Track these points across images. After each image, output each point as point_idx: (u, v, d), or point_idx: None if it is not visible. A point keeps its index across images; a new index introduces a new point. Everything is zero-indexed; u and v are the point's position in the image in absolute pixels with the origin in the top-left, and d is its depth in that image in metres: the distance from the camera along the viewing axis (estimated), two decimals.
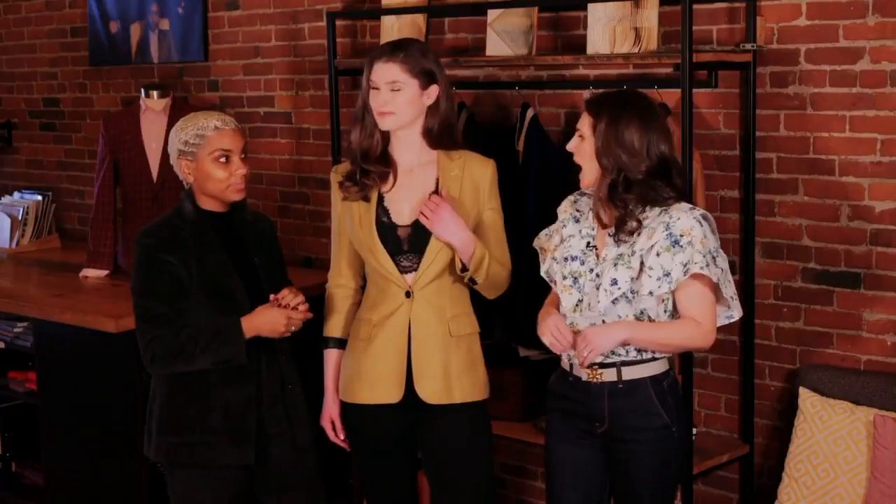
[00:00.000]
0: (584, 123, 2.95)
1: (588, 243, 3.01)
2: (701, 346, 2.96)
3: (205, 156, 3.13)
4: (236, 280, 3.15)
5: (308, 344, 3.34)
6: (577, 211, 3.08)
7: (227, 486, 3.19)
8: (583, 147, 2.95)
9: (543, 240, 3.18)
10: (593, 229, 3.01)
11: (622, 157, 2.88)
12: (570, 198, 3.13)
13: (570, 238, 3.05)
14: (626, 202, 2.89)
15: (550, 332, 2.94)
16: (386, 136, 3.15)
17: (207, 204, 3.20)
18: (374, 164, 3.13)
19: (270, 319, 3.12)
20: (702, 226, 2.88)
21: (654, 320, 2.93)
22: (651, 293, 2.89)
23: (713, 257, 2.89)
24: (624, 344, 2.93)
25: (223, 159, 3.14)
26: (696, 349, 3.03)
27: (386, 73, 3.07)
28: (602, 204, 2.94)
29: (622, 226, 2.91)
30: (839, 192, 3.56)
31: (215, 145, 3.14)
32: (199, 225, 3.16)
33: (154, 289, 3.10)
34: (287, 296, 3.13)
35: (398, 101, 3.07)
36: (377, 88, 3.08)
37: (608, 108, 2.91)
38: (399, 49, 3.09)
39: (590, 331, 2.90)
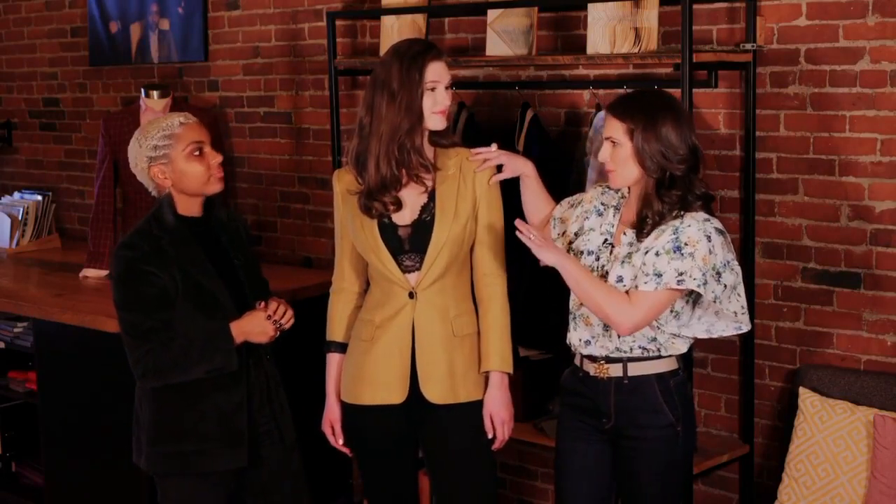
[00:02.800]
0: (617, 130, 2.91)
1: (605, 240, 3.01)
2: (614, 321, 2.86)
3: (179, 154, 3.09)
4: (220, 285, 3.13)
5: (292, 343, 3.35)
6: (603, 205, 3.07)
7: (220, 490, 3.18)
8: (618, 153, 2.92)
9: (564, 207, 3.18)
10: (613, 226, 3.01)
11: (665, 155, 2.86)
12: (598, 188, 3.12)
13: (590, 231, 3.05)
14: (671, 198, 2.88)
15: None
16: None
17: (184, 210, 3.16)
18: (424, 167, 3.10)
19: (261, 329, 3.13)
20: (710, 241, 2.84)
21: (658, 322, 2.92)
22: (636, 287, 2.87)
23: (717, 273, 2.85)
24: (553, 266, 2.87)
25: (197, 152, 3.11)
26: (609, 321, 2.89)
27: (445, 72, 3.07)
28: (648, 199, 2.90)
29: (657, 223, 2.89)
30: (839, 192, 3.56)
31: (187, 139, 3.10)
32: (178, 233, 3.12)
33: (140, 302, 3.06)
34: (278, 310, 3.14)
35: (448, 98, 3.09)
36: (433, 89, 3.06)
37: (641, 111, 2.88)
38: (440, 49, 3.11)
39: (539, 237, 2.87)
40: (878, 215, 3.49)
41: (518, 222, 2.88)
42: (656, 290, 2.84)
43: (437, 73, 3.05)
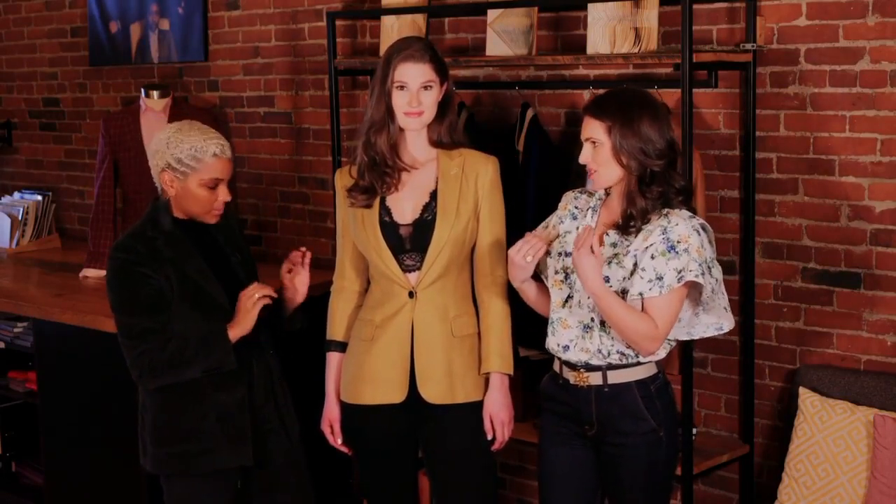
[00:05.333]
0: (596, 129, 2.91)
1: None
2: (644, 348, 2.89)
3: (195, 178, 3.09)
4: (217, 285, 3.14)
5: (293, 342, 3.35)
6: (577, 208, 3.07)
7: (225, 489, 3.19)
8: (599, 153, 2.91)
9: (539, 231, 3.18)
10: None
11: (644, 151, 2.86)
12: (571, 194, 3.12)
13: (566, 234, 3.04)
14: (653, 194, 2.88)
15: (517, 250, 2.93)
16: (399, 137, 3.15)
17: (180, 213, 3.17)
18: (392, 165, 3.12)
19: (245, 315, 3.10)
20: (699, 235, 2.86)
21: None
22: (641, 294, 2.88)
23: (708, 267, 2.87)
24: (590, 293, 2.86)
25: (213, 185, 3.12)
26: (637, 348, 2.92)
27: (421, 74, 3.05)
28: (631, 197, 2.91)
29: (641, 219, 2.89)
30: (839, 192, 3.56)
31: (210, 174, 3.10)
32: (174, 235, 3.13)
33: (136, 304, 3.06)
34: (253, 288, 3.12)
35: (428, 100, 3.06)
36: (403, 88, 3.06)
37: (618, 109, 2.88)
38: (428, 48, 3.09)
39: (586, 258, 2.84)
40: (878, 215, 3.49)
41: (586, 236, 2.86)
42: (662, 295, 2.85)
43: (405, 73, 3.04)
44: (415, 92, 3.05)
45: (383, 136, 3.10)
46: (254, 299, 3.09)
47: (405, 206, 3.14)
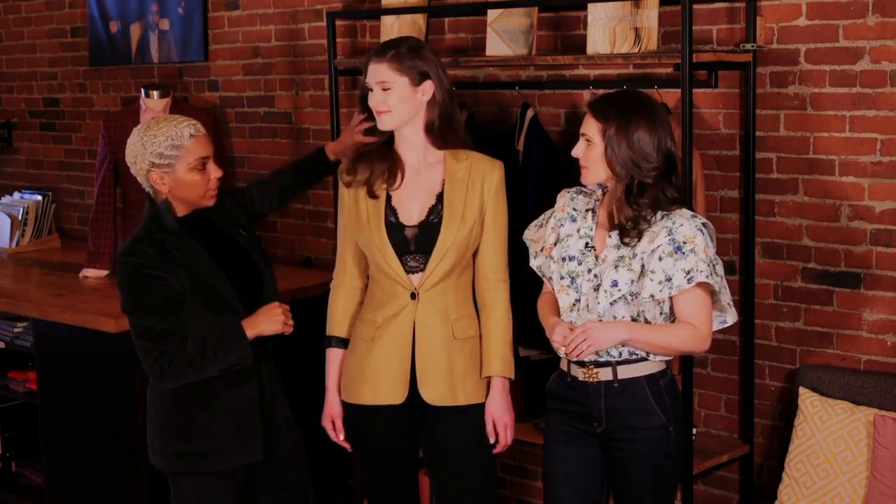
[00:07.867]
0: (592, 128, 2.92)
1: (587, 244, 3.00)
2: (697, 350, 2.98)
3: (183, 165, 3.09)
4: (225, 281, 3.14)
5: (292, 343, 3.35)
6: (575, 210, 3.08)
7: (233, 486, 3.19)
8: (591, 152, 2.93)
9: (532, 231, 3.19)
10: (591, 229, 3.01)
11: (635, 162, 2.88)
12: (567, 195, 3.12)
13: (567, 238, 3.04)
14: (640, 206, 2.90)
15: (561, 341, 2.96)
16: (390, 134, 3.16)
17: (180, 209, 3.16)
18: (384, 164, 3.14)
19: (273, 316, 3.14)
20: (703, 234, 2.88)
21: (650, 322, 2.94)
22: (652, 296, 2.89)
23: (713, 266, 2.90)
24: (623, 344, 2.93)
25: (201, 166, 3.11)
26: (693, 353, 3.04)
27: (376, 74, 3.10)
28: (619, 205, 2.93)
29: (634, 228, 2.91)
30: (839, 192, 3.56)
31: (194, 154, 3.09)
32: (181, 234, 3.12)
33: (150, 307, 3.06)
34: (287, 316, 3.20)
35: (391, 99, 3.09)
36: (372, 89, 3.11)
37: (617, 113, 2.89)
38: (389, 48, 3.11)
39: (591, 325, 2.90)
40: (878, 215, 3.49)
41: (559, 339, 2.95)
42: (688, 301, 2.90)
43: (370, 74, 3.12)
44: (376, 92, 3.10)
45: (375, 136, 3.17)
46: (287, 320, 3.15)
47: (411, 208, 3.14)
